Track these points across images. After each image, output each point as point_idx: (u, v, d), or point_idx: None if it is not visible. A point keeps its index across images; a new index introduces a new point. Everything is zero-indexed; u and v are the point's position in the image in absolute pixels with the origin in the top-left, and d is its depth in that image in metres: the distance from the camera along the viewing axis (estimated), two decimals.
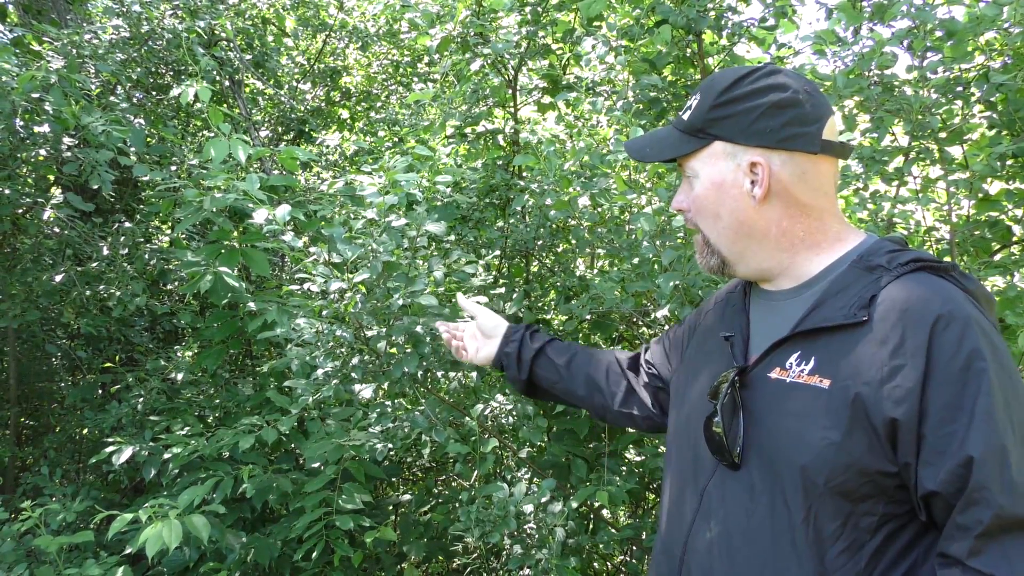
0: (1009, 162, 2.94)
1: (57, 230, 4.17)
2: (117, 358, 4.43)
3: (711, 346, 1.58)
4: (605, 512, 3.73)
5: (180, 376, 4.01)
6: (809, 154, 1.38)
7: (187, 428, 3.49)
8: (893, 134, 3.08)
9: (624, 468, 3.33)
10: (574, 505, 3.04)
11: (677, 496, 1.51)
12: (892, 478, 1.22)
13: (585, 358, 1.99)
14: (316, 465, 3.31)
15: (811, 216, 1.41)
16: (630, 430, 3.61)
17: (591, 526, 3.61)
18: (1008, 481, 1.14)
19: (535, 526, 3.04)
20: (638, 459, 3.60)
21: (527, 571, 3.06)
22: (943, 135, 2.99)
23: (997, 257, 3.07)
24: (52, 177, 4.29)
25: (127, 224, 4.25)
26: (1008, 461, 1.15)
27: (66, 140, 3.72)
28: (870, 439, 1.22)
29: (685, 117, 1.46)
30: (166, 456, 3.35)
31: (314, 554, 3.14)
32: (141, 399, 3.86)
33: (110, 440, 3.42)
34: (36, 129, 3.63)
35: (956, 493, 1.17)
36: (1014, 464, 1.15)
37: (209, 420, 3.93)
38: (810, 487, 1.25)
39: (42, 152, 3.83)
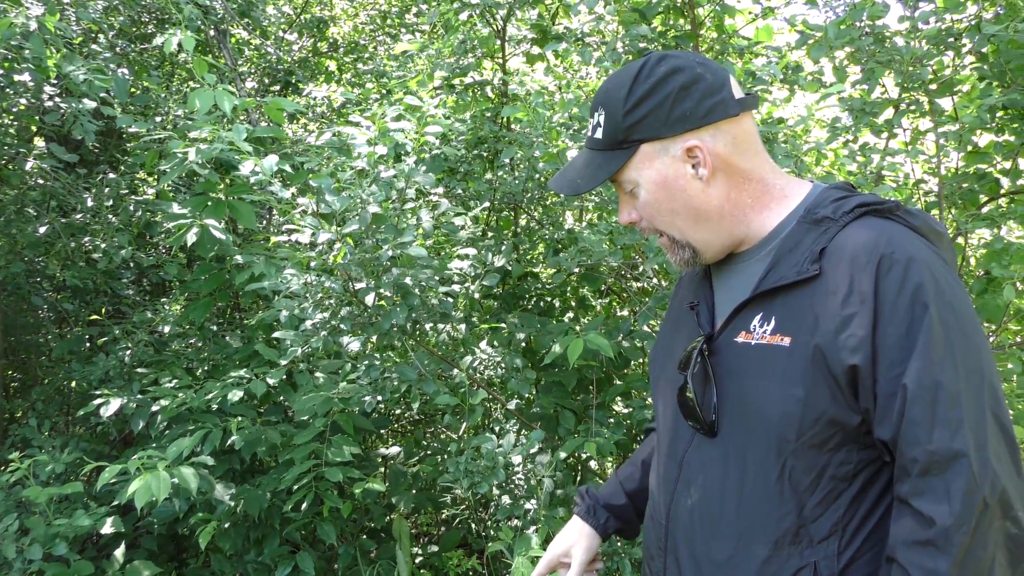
0: (999, 114, 2.93)
1: (41, 181, 4.12)
2: (104, 311, 4.41)
3: (679, 318, 1.60)
4: (593, 463, 3.77)
5: (167, 329, 3.99)
6: (732, 119, 1.38)
7: (175, 381, 3.48)
8: (883, 86, 3.06)
9: (612, 420, 3.35)
10: (562, 456, 3.07)
11: (660, 467, 1.54)
12: (860, 425, 1.24)
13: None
14: (305, 418, 3.32)
15: (753, 179, 1.41)
16: (617, 382, 3.63)
17: (579, 477, 3.65)
18: (942, 417, 1.16)
19: (523, 477, 3.07)
20: (626, 411, 3.63)
21: (516, 521, 3.09)
22: (933, 87, 2.98)
23: (985, 210, 3.08)
24: (34, 127, 4.24)
25: (111, 175, 4.20)
26: (942, 397, 1.16)
27: (47, 89, 3.66)
28: (832, 390, 1.23)
29: (598, 136, 1.42)
30: (154, 408, 3.35)
31: (304, 505, 3.16)
32: (128, 351, 3.85)
33: (98, 392, 3.42)
34: (16, 78, 3.57)
35: (898, 431, 1.19)
36: (949, 400, 1.16)
37: (197, 373, 3.92)
38: (783, 444, 1.27)
39: (23, 101, 3.77)
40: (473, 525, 3.95)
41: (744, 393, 1.33)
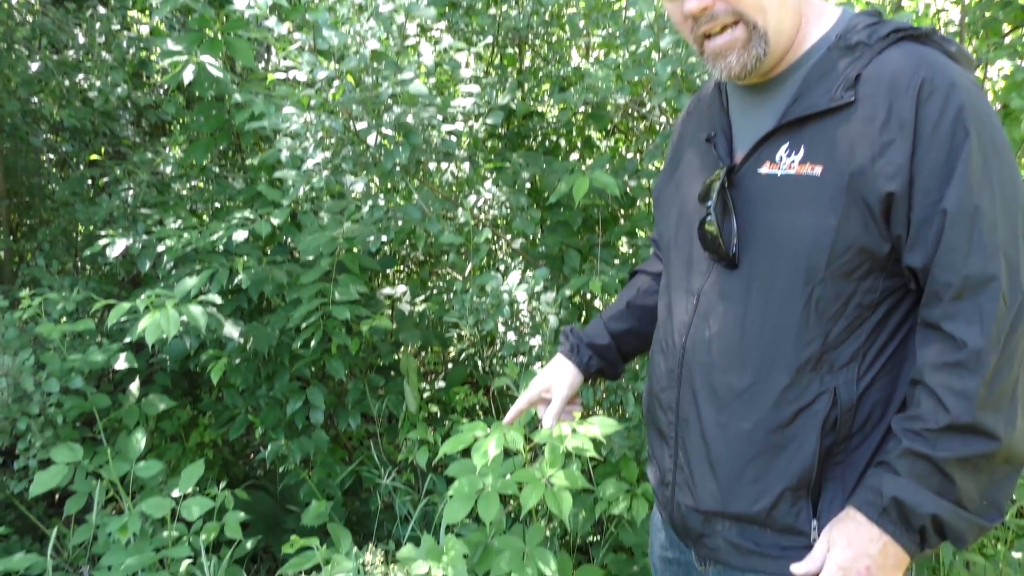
0: None
1: (29, 17, 3.98)
2: (103, 151, 4.35)
3: (690, 150, 1.56)
4: (597, 302, 3.80)
5: (169, 170, 3.95)
6: None
7: (179, 222, 3.47)
8: None
9: (617, 259, 3.36)
10: (567, 294, 3.09)
11: (673, 300, 1.53)
12: (890, 254, 1.24)
13: (642, 300, 1.81)
14: (310, 257, 3.33)
15: None
16: (623, 221, 3.62)
17: (584, 315, 3.69)
18: (978, 243, 1.16)
19: (528, 314, 3.10)
20: (630, 250, 3.63)
21: (521, 357, 3.15)
22: None
23: (1007, 39, 2.96)
24: None
25: (102, 10, 4.05)
26: (979, 222, 1.16)
27: None
28: (865, 218, 1.23)
29: None
30: (160, 249, 3.36)
31: (312, 342, 3.22)
32: (131, 192, 3.82)
33: (103, 234, 3.42)
34: None
35: (932, 257, 1.19)
36: (986, 226, 1.16)
37: (201, 215, 3.91)
38: (812, 273, 1.27)
39: None
40: (479, 362, 4.03)
41: (770, 224, 1.32)
